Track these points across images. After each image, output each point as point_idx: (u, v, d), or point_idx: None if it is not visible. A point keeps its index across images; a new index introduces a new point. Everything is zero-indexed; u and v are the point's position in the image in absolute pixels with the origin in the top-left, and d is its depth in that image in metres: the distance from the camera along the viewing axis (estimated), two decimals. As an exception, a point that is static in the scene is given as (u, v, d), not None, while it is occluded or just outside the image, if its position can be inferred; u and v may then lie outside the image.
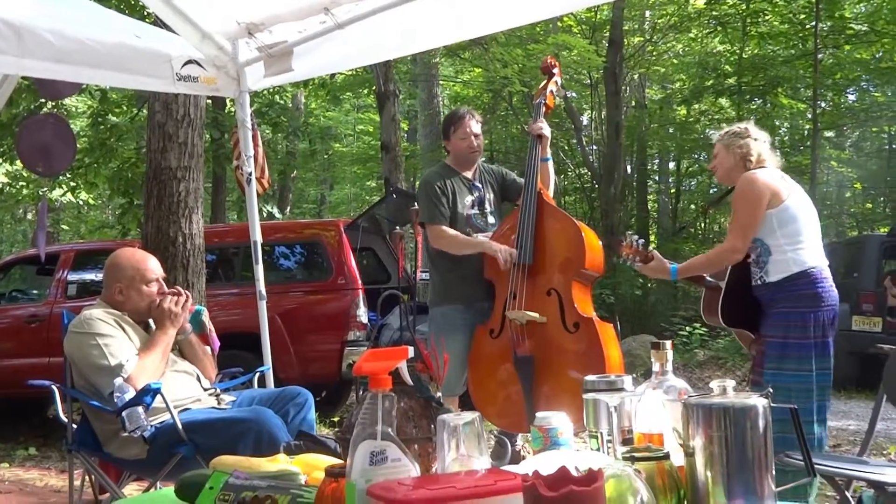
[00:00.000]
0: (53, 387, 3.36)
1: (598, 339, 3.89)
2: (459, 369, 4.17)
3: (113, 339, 3.18)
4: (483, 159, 4.67)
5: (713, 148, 3.72)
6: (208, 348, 3.62)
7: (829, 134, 17.78)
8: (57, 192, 12.18)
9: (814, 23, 13.69)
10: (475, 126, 4.41)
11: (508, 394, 4.08)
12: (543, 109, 4.35)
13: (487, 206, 4.42)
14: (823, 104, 15.69)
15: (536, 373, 3.97)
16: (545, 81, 4.42)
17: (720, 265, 3.55)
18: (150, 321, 3.39)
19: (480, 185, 4.44)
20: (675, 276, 3.60)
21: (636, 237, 3.69)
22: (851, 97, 17.46)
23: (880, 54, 15.69)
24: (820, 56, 14.08)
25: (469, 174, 4.44)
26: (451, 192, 4.33)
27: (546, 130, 4.30)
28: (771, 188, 3.41)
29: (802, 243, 3.41)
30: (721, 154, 3.61)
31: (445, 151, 4.62)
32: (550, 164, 4.39)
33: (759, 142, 3.55)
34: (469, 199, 4.38)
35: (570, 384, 3.77)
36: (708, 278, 3.72)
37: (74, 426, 3.38)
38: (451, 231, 4.28)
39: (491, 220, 4.40)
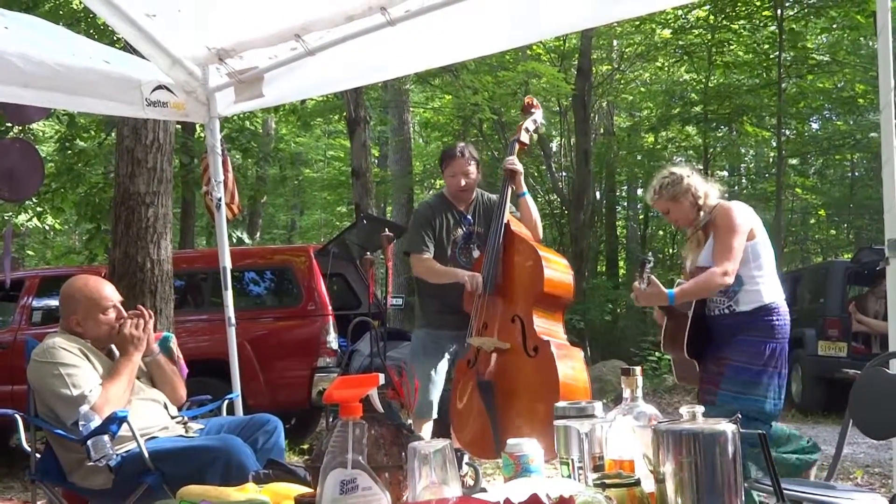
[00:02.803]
0: (17, 415, 3.29)
1: (553, 361, 3.86)
2: (434, 392, 4.23)
3: (76, 368, 3.11)
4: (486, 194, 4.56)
5: (657, 207, 3.82)
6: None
7: (794, 161, 18.09)
8: (23, 217, 12.03)
9: (777, 53, 13.96)
10: (465, 166, 4.35)
11: (477, 421, 4.09)
12: (517, 147, 4.37)
13: (476, 240, 4.38)
14: (788, 132, 16.00)
15: (497, 398, 3.99)
16: (522, 120, 4.45)
17: (712, 290, 3.54)
18: (113, 347, 3.34)
19: (472, 219, 4.41)
20: (673, 301, 3.55)
21: (649, 261, 3.74)
22: (815, 125, 17.83)
23: (842, 84, 16.04)
24: (784, 85, 14.36)
25: (464, 207, 4.43)
26: (439, 225, 4.35)
27: (518, 166, 4.30)
28: (749, 221, 3.53)
29: (768, 276, 3.54)
30: (673, 209, 3.70)
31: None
32: (528, 198, 4.37)
33: (692, 176, 3.66)
34: (456, 234, 4.38)
35: (529, 408, 3.84)
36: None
37: (38, 455, 3.30)
38: (430, 262, 4.31)
39: (476, 254, 4.38)
